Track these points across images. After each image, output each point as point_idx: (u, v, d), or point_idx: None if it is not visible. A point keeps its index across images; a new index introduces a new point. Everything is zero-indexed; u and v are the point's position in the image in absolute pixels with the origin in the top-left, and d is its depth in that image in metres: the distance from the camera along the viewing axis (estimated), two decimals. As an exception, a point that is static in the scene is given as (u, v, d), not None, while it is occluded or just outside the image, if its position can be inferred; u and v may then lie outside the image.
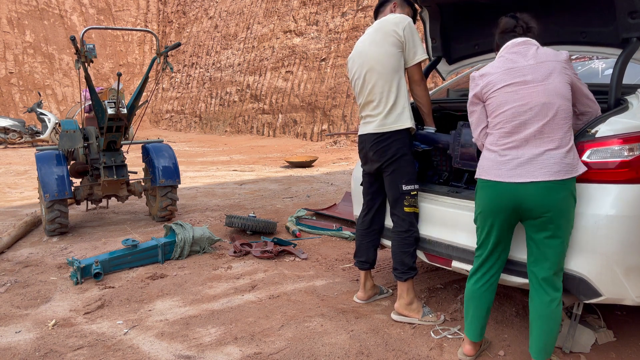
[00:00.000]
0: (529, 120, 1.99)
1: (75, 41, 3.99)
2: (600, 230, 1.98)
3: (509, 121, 2.03)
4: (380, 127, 2.67)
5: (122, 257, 3.60)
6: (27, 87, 20.96)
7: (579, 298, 2.10)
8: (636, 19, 2.25)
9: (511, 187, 2.01)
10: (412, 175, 2.67)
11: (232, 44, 20.58)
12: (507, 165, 2.03)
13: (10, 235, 4.29)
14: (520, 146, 2.01)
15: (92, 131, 4.86)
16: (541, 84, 2.00)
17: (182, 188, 7.23)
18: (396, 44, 2.62)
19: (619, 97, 2.21)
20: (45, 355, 2.40)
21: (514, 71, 2.06)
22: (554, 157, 1.97)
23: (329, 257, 3.85)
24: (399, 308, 2.71)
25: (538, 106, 1.99)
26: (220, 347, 2.45)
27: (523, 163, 1.99)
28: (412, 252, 2.67)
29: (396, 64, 2.65)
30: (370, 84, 2.69)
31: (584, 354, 2.31)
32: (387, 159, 2.66)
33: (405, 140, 2.66)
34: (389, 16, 2.69)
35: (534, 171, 1.97)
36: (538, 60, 2.04)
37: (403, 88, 2.68)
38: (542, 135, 1.99)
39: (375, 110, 2.70)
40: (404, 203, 2.66)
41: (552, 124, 1.98)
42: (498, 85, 2.07)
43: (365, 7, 14.96)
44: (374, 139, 2.69)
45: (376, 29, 2.69)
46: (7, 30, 20.90)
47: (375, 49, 2.67)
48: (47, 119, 14.24)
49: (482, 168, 2.13)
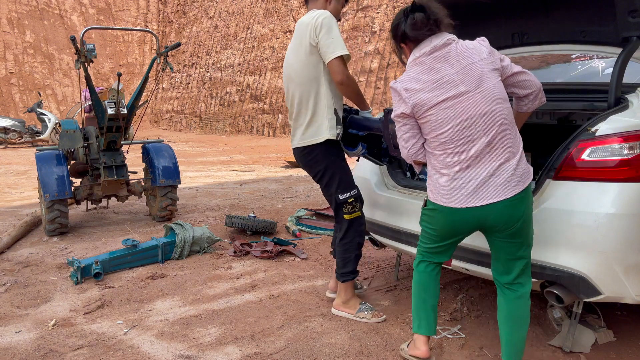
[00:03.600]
0: (476, 135, 1.83)
1: (75, 41, 3.99)
2: (600, 229, 1.98)
3: (454, 141, 1.85)
4: (302, 140, 2.59)
5: (122, 257, 3.60)
6: (27, 87, 20.96)
7: (578, 297, 2.09)
8: (636, 17, 2.24)
9: (471, 212, 1.88)
10: (347, 183, 2.59)
11: (232, 44, 20.58)
12: (463, 190, 1.87)
13: (10, 235, 4.29)
14: (472, 165, 1.85)
15: (92, 131, 4.86)
16: (478, 93, 1.82)
17: (182, 188, 7.23)
18: (309, 49, 2.45)
19: (619, 96, 2.20)
20: (45, 355, 2.40)
21: (445, 83, 1.84)
22: (509, 170, 1.84)
23: (329, 257, 3.85)
24: (336, 304, 2.78)
25: (482, 118, 1.82)
26: (220, 347, 2.45)
27: (480, 185, 1.85)
28: (352, 257, 2.68)
29: (312, 72, 2.49)
30: (291, 95, 2.62)
31: (584, 353, 2.31)
32: (316, 172, 2.61)
33: (329, 151, 2.55)
34: (306, 16, 2.51)
35: (493, 191, 1.84)
36: (463, 63, 1.85)
37: (323, 97, 2.52)
38: (492, 147, 1.84)
39: (296, 123, 2.63)
40: (343, 211, 2.62)
41: (499, 134, 1.83)
42: (432, 103, 1.85)
43: (365, 7, 14.96)
44: (299, 152, 2.63)
45: (296, 32, 2.56)
46: (7, 30, 20.91)
47: (292, 57, 2.57)
48: (47, 119, 14.25)
49: (435, 193, 1.95)
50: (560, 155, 2.13)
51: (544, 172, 2.18)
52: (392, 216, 2.75)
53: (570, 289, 2.09)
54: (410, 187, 2.73)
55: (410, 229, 2.65)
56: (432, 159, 1.95)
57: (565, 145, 2.13)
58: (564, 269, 2.07)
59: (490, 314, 2.76)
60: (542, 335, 2.51)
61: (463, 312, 2.77)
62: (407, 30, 1.90)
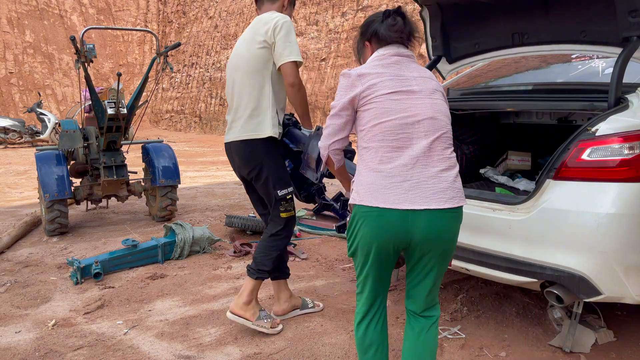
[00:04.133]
0: (417, 134, 1.73)
1: (75, 41, 3.99)
2: (601, 229, 1.98)
3: (395, 133, 1.73)
4: (242, 134, 2.50)
5: (122, 257, 3.59)
6: (27, 87, 20.96)
7: (579, 297, 2.09)
8: (636, 17, 2.24)
9: (401, 215, 1.68)
10: (285, 179, 2.55)
11: (232, 44, 20.58)
12: (396, 189, 1.69)
13: (10, 235, 4.28)
14: (409, 165, 1.71)
15: (92, 131, 4.85)
16: (429, 98, 1.79)
17: (182, 188, 7.23)
18: (264, 45, 2.43)
19: (619, 96, 2.20)
20: (45, 355, 2.40)
21: (401, 79, 1.80)
22: (447, 180, 1.72)
23: (329, 257, 3.85)
24: (235, 306, 2.57)
25: (427, 120, 1.75)
26: (220, 347, 2.45)
27: (414, 186, 1.69)
28: (275, 257, 2.57)
29: (261, 66, 2.46)
30: (236, 87, 2.54)
31: (584, 354, 2.31)
32: (254, 167, 2.51)
33: (270, 147, 2.50)
34: (266, 14, 2.49)
35: (427, 196, 1.69)
36: (422, 74, 1.84)
37: (267, 94, 2.48)
38: (432, 152, 1.73)
39: (236, 114, 2.54)
40: (280, 209, 2.55)
41: (441, 142, 1.75)
42: (383, 91, 1.77)
43: (365, 7, 14.96)
44: (237, 146, 2.53)
45: (250, 28, 2.53)
46: (7, 30, 20.91)
47: (244, 48, 2.50)
48: (47, 119, 14.23)
49: (362, 192, 1.74)
50: (560, 155, 2.13)
51: (544, 172, 2.18)
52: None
53: (570, 289, 2.09)
54: None
55: None
56: (366, 155, 1.78)
57: (565, 145, 2.13)
58: (564, 269, 2.07)
59: (491, 314, 2.76)
60: (542, 335, 2.51)
61: (463, 312, 2.77)
62: (382, 29, 1.89)
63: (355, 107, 1.82)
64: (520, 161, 3.55)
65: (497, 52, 3.06)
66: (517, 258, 2.21)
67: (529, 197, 2.19)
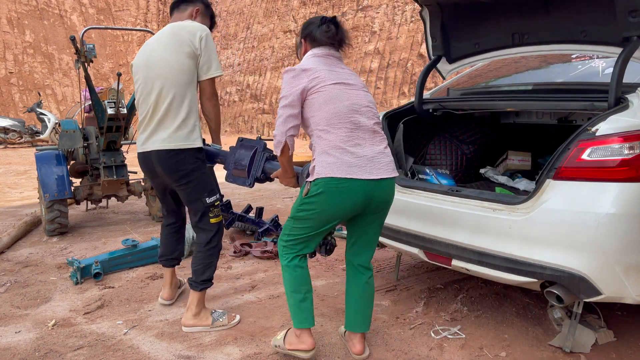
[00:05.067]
0: (363, 118, 2.10)
1: (75, 41, 3.99)
2: (601, 229, 1.98)
3: (345, 117, 2.07)
4: (170, 143, 2.46)
5: (122, 257, 3.59)
6: (27, 87, 20.96)
7: (579, 297, 2.09)
8: (636, 17, 2.24)
9: (367, 184, 2.06)
10: (213, 187, 2.60)
11: (232, 44, 20.58)
12: (359, 163, 2.05)
13: (10, 235, 4.28)
14: (364, 144, 2.08)
15: (92, 131, 4.85)
16: (362, 90, 2.16)
17: (182, 188, 7.22)
18: (191, 55, 2.45)
19: (619, 96, 2.20)
20: (45, 355, 2.40)
21: (337, 74, 2.13)
22: (388, 155, 2.16)
23: (329, 257, 3.85)
24: (187, 320, 2.61)
25: (366, 107, 2.13)
26: (220, 347, 2.45)
27: (370, 161, 2.07)
28: (214, 263, 2.63)
29: (190, 77, 2.47)
30: (159, 95, 2.47)
31: (584, 354, 2.31)
32: (183, 175, 2.49)
33: (199, 156, 2.54)
34: (187, 23, 2.51)
35: (381, 168, 2.09)
36: (350, 72, 2.19)
37: (195, 105, 2.52)
38: (375, 134, 2.13)
39: (161, 124, 2.48)
40: (210, 215, 2.59)
41: (378, 125, 2.15)
42: (327, 82, 2.08)
43: (365, 7, 14.96)
44: (163, 155, 2.48)
45: (170, 34, 2.49)
46: (7, 30, 20.90)
47: (168, 56, 2.45)
48: (47, 119, 14.23)
49: (330, 167, 2.03)
50: (560, 155, 2.13)
51: (544, 172, 2.18)
52: (392, 216, 2.75)
53: (570, 289, 2.09)
54: (410, 187, 2.73)
55: (410, 229, 2.65)
56: (325, 136, 2.07)
57: (565, 145, 2.13)
58: (564, 269, 2.07)
59: (491, 314, 2.76)
60: (543, 335, 2.51)
61: (463, 312, 2.77)
62: (318, 33, 2.19)
63: (304, 97, 2.09)
64: (520, 161, 3.55)
65: (497, 52, 3.05)
66: (517, 258, 2.21)
67: (529, 197, 2.19)
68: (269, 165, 2.54)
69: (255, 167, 2.52)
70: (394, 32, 13.75)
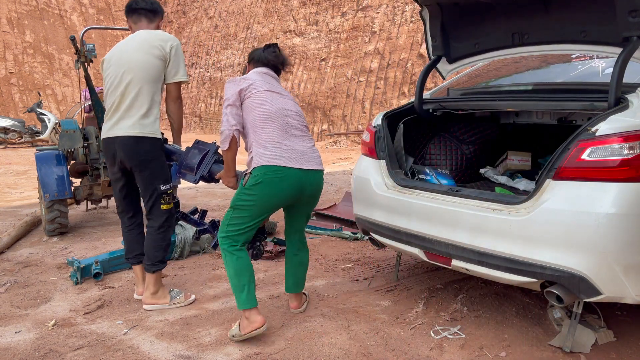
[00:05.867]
0: (293, 120, 2.49)
1: (75, 41, 3.99)
2: (601, 229, 1.98)
3: (277, 117, 2.44)
4: (134, 130, 2.73)
5: (122, 257, 3.58)
6: (27, 87, 20.96)
7: (579, 297, 2.09)
8: (636, 17, 2.24)
9: (301, 173, 2.41)
10: (167, 176, 2.86)
11: (232, 44, 20.58)
12: (293, 155, 2.41)
13: (10, 235, 4.28)
14: (293, 140, 2.45)
15: (92, 131, 4.85)
16: (292, 101, 2.59)
17: (182, 188, 7.23)
18: (159, 57, 2.77)
19: (619, 96, 2.20)
20: (45, 355, 2.40)
21: (272, 85, 2.56)
22: (316, 151, 2.56)
23: (329, 257, 3.85)
24: (146, 299, 2.88)
25: (295, 113, 2.53)
26: (220, 347, 2.45)
27: (302, 154, 2.44)
28: (164, 246, 2.89)
29: (156, 75, 2.77)
30: (130, 88, 2.75)
31: (584, 354, 2.31)
32: (142, 160, 2.76)
33: (158, 145, 2.82)
34: (159, 32, 2.86)
35: (311, 161, 2.47)
36: (284, 90, 2.62)
37: (158, 101, 2.81)
38: (304, 133, 2.53)
39: (127, 112, 2.75)
40: (161, 201, 2.83)
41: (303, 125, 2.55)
42: (262, 88, 2.49)
43: (365, 7, 14.96)
44: (127, 140, 2.74)
45: (143, 39, 2.80)
46: (7, 30, 20.90)
47: (139, 55, 2.76)
48: (47, 119, 14.22)
49: (267, 157, 2.37)
50: (560, 155, 2.13)
51: (544, 172, 2.18)
52: (391, 216, 2.75)
53: (570, 289, 2.09)
54: (410, 187, 2.73)
55: (410, 229, 2.65)
56: (261, 132, 2.42)
57: (565, 145, 2.13)
58: (564, 269, 2.07)
59: (491, 314, 2.76)
60: (542, 335, 2.51)
61: (463, 312, 2.77)
62: (261, 55, 2.66)
63: (242, 99, 2.47)
64: (520, 161, 3.55)
65: (497, 52, 3.05)
66: (517, 258, 2.21)
67: (529, 197, 2.19)
68: (216, 166, 2.83)
69: (203, 166, 2.81)
70: (394, 32, 13.75)
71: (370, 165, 3.00)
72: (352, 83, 14.48)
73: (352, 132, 13.41)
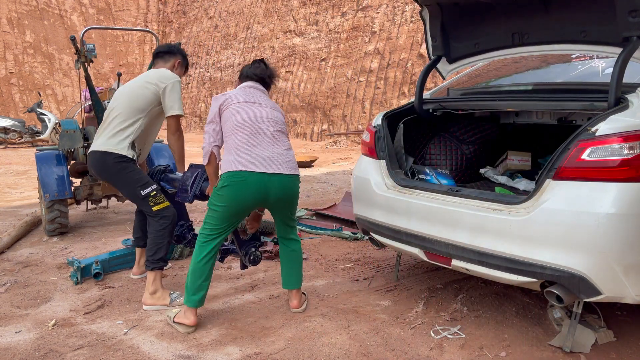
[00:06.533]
0: (264, 127, 2.59)
1: (75, 41, 3.99)
2: (601, 229, 1.98)
3: (248, 125, 2.56)
4: (101, 146, 2.90)
5: (122, 257, 3.59)
6: (27, 87, 20.96)
7: (579, 297, 2.09)
8: (636, 17, 2.24)
9: (262, 177, 2.49)
10: (144, 179, 2.93)
11: (232, 44, 20.58)
12: (256, 160, 2.50)
13: (10, 235, 4.28)
14: (262, 145, 2.55)
15: (92, 131, 4.85)
16: (269, 109, 2.67)
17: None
18: (152, 91, 2.95)
19: (619, 96, 2.20)
20: (45, 355, 2.40)
21: (251, 96, 2.68)
22: (289, 156, 2.62)
23: (329, 257, 3.85)
24: (145, 299, 2.92)
25: (269, 119, 2.62)
26: (220, 347, 2.45)
27: (268, 158, 2.53)
28: (165, 244, 2.94)
29: (143, 105, 2.95)
30: (111, 112, 2.97)
31: (584, 354, 2.31)
32: (110, 175, 2.92)
33: (121, 160, 2.89)
34: (161, 71, 3.02)
35: (278, 165, 2.54)
36: (268, 100, 2.72)
37: (137, 127, 2.95)
38: (276, 138, 2.61)
39: (102, 133, 2.95)
40: (150, 204, 2.91)
41: (281, 132, 2.64)
42: (237, 100, 2.63)
43: (365, 7, 14.96)
44: (94, 156, 2.94)
45: (145, 75, 3.03)
46: (7, 30, 20.90)
47: (132, 88, 2.99)
48: (47, 119, 14.21)
49: (231, 163, 2.50)
50: (560, 155, 2.13)
51: (544, 172, 2.18)
52: (392, 216, 2.75)
53: (570, 289, 2.09)
54: (410, 187, 2.73)
55: (410, 229, 2.65)
56: (230, 140, 2.56)
57: (565, 145, 2.13)
58: (564, 269, 2.07)
59: (491, 314, 2.76)
60: (542, 335, 2.51)
61: (463, 312, 2.77)
62: (249, 70, 2.79)
63: (220, 113, 2.63)
64: (520, 161, 3.55)
65: (497, 52, 3.05)
66: (517, 258, 2.21)
67: (529, 197, 2.19)
68: (206, 184, 2.91)
69: (195, 186, 2.93)
70: (394, 32, 13.75)
71: (370, 165, 3.00)
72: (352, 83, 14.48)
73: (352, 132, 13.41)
